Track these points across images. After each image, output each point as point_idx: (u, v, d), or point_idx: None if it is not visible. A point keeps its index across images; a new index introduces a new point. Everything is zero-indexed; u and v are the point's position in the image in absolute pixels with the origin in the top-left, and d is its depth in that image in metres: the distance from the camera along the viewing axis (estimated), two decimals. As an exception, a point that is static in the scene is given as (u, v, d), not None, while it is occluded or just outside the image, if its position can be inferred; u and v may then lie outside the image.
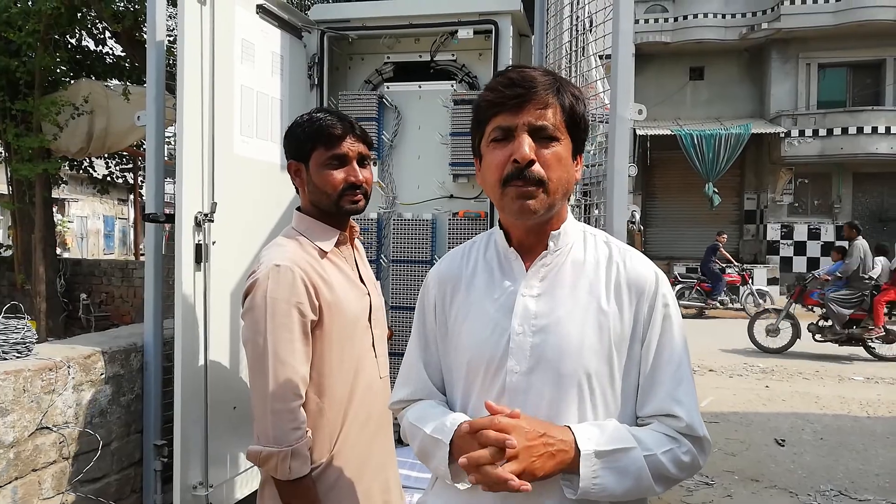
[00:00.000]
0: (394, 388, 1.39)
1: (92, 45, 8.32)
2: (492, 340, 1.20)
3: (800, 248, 16.62)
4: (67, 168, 9.34)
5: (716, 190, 14.67)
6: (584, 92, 2.32)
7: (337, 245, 1.76)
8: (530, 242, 1.23)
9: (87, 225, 23.57)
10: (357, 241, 1.88)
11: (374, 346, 1.80)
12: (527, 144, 1.12)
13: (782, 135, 15.78)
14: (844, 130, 15.64)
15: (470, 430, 1.08)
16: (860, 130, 15.53)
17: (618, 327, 1.16)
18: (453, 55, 3.05)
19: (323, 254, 1.72)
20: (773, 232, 16.66)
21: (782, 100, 16.46)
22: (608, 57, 2.24)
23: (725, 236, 13.47)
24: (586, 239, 1.25)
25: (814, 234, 16.60)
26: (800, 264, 16.54)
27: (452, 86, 3.05)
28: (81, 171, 9.80)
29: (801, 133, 15.86)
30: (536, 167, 1.13)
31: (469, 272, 1.29)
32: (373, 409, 1.78)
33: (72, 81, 7.49)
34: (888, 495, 4.18)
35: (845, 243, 16.07)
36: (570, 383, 1.14)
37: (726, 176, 15.28)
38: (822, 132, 15.76)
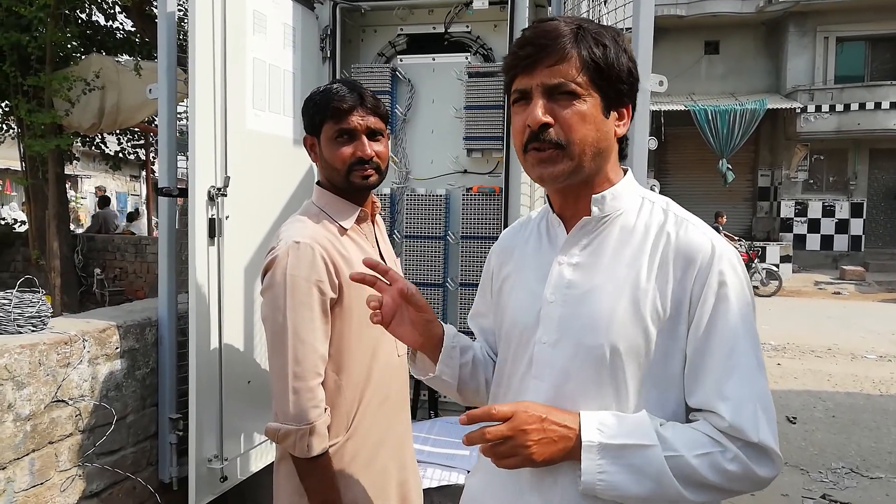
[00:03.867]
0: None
1: (102, 20, 8.29)
2: (526, 309, 1.15)
3: (814, 226, 16.46)
4: (79, 144, 9.37)
5: (729, 166, 14.51)
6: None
7: (357, 222, 1.74)
8: (571, 208, 1.14)
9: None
10: (378, 217, 1.86)
11: None
12: (539, 107, 1.03)
13: (798, 110, 15.54)
14: (862, 106, 15.37)
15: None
16: (878, 106, 15.27)
17: (657, 303, 1.03)
18: (468, 26, 2.99)
19: (343, 231, 1.70)
20: (786, 209, 16.49)
21: (799, 74, 16.19)
22: (628, 29, 2.19)
23: (724, 217, 13.26)
24: (643, 205, 1.12)
25: (828, 212, 16.42)
26: (813, 242, 16.40)
27: (467, 58, 2.99)
28: (93, 148, 9.82)
29: (818, 108, 15.61)
30: (553, 130, 1.04)
31: (523, 240, 1.25)
32: (391, 387, 1.77)
33: (83, 57, 7.48)
34: (900, 473, 4.18)
35: (860, 221, 16.03)
36: (596, 360, 1.05)
37: (740, 152, 15.10)
38: (839, 107, 15.50)
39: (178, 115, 2.53)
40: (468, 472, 2.66)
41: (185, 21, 2.27)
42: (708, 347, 1.02)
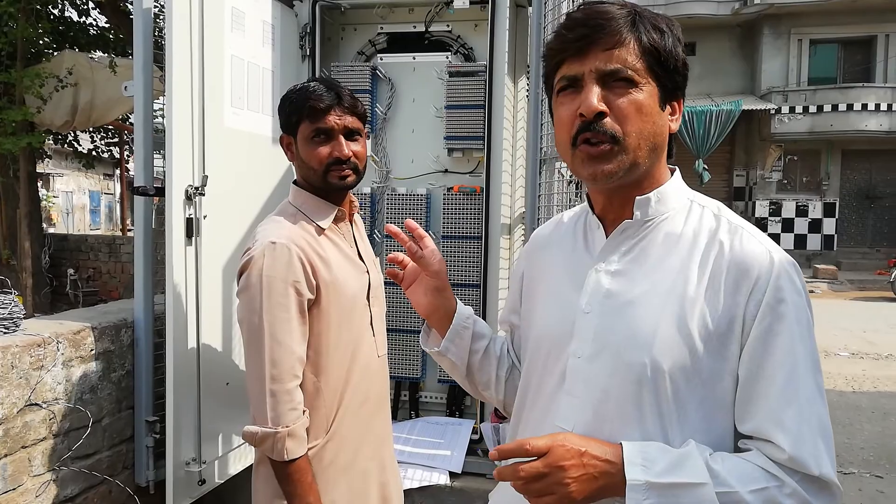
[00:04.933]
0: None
1: (75, 16, 8.15)
2: (559, 319, 1.05)
3: (787, 225, 16.72)
4: (52, 142, 9.20)
5: (706, 167, 14.64)
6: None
7: (335, 221, 1.72)
8: (615, 210, 1.03)
9: (73, 200, 23.30)
10: (356, 217, 1.84)
11: (372, 324, 1.77)
12: (594, 94, 0.93)
13: (773, 111, 15.77)
14: (834, 107, 15.65)
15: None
16: (850, 107, 15.56)
17: (707, 319, 0.93)
18: (448, 26, 2.99)
19: (320, 230, 1.67)
20: (761, 209, 16.73)
21: (773, 76, 16.43)
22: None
23: None
24: (692, 209, 1.02)
25: (801, 212, 16.70)
26: (787, 241, 16.66)
27: (447, 57, 2.99)
28: (66, 146, 9.65)
29: (792, 110, 15.86)
30: (609, 120, 0.93)
31: (557, 239, 1.15)
32: (371, 388, 1.75)
33: (55, 53, 7.34)
34: (872, 468, 4.25)
35: (832, 221, 16.33)
36: (638, 379, 0.94)
37: (716, 152, 15.26)
38: (813, 109, 15.77)
39: (154, 113, 2.48)
40: (449, 472, 2.66)
41: (162, 17, 2.24)
42: (764, 370, 0.92)
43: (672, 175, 1.05)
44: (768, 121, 15.97)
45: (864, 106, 15.47)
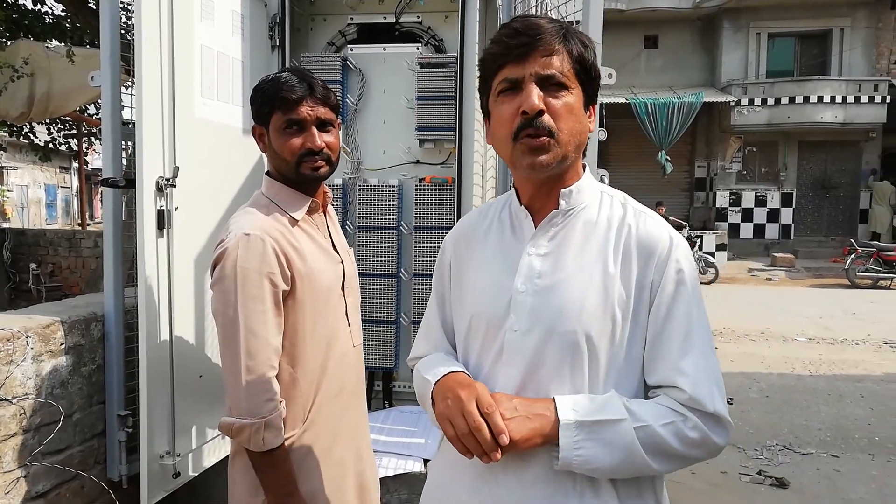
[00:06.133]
0: (413, 343, 1.41)
1: (30, 4, 7.91)
2: (494, 299, 1.18)
3: (747, 215, 17.12)
4: (6, 134, 8.93)
5: (668, 158, 14.90)
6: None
7: (309, 212, 1.72)
8: (541, 201, 1.19)
9: (28, 194, 22.65)
10: (330, 208, 1.84)
11: (347, 314, 1.78)
12: (535, 94, 1.08)
13: (732, 104, 16.09)
14: (791, 100, 16.03)
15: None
16: (806, 100, 15.94)
17: (622, 291, 1.11)
18: (418, 17, 2.99)
19: (294, 222, 1.67)
20: (721, 199, 17.09)
21: (733, 69, 16.76)
22: (577, 22, 2.23)
23: (664, 207, 13.48)
24: (602, 199, 1.20)
25: (760, 202, 17.10)
26: (747, 230, 17.06)
27: (418, 48, 2.99)
28: (22, 138, 9.38)
29: (751, 102, 16.19)
30: (546, 117, 1.08)
31: (484, 229, 1.28)
32: (346, 378, 1.77)
33: (9, 42, 7.12)
34: (829, 448, 4.42)
35: (790, 210, 16.76)
36: (569, 346, 1.10)
37: (678, 144, 15.53)
38: (771, 101, 16.12)
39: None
40: (424, 460, 2.69)
41: (127, 5, 2.20)
42: (667, 329, 1.11)
43: (585, 171, 1.22)
44: (728, 113, 16.28)
45: (820, 98, 15.88)
